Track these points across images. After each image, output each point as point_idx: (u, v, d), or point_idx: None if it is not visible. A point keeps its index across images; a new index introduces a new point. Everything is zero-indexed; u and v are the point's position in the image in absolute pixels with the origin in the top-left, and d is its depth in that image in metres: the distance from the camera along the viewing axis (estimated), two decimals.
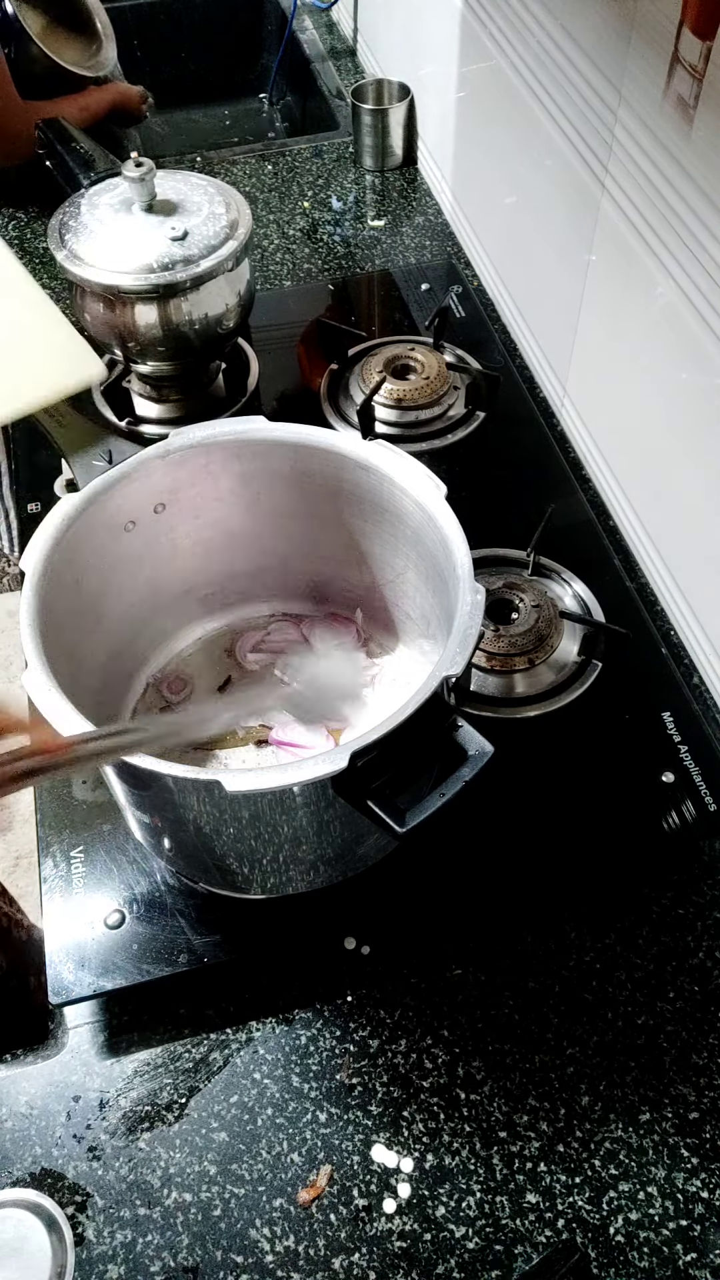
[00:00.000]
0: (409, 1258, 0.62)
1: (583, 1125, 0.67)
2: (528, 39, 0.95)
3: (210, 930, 0.72)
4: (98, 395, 1.08)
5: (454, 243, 1.30)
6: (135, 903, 0.73)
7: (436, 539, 0.65)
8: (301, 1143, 0.66)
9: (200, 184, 0.96)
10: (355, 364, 1.10)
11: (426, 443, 1.04)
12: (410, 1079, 0.68)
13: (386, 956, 0.73)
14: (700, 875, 0.77)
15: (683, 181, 0.74)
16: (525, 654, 0.83)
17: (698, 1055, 0.69)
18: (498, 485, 1.01)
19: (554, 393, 1.09)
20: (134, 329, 0.94)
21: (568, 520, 0.96)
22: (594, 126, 0.86)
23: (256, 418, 0.71)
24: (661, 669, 0.86)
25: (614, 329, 0.92)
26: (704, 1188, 0.64)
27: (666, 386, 0.84)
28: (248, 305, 1.01)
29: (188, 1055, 0.70)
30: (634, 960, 0.73)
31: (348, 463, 0.70)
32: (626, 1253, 0.62)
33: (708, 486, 0.81)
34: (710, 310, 0.75)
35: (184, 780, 0.54)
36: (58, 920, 0.72)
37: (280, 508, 0.76)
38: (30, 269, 1.27)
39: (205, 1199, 0.65)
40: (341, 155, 1.44)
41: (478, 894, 0.75)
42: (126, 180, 0.90)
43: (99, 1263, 0.62)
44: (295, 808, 0.59)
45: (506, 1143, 0.66)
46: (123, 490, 0.68)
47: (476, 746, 0.55)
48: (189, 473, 0.71)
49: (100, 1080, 0.69)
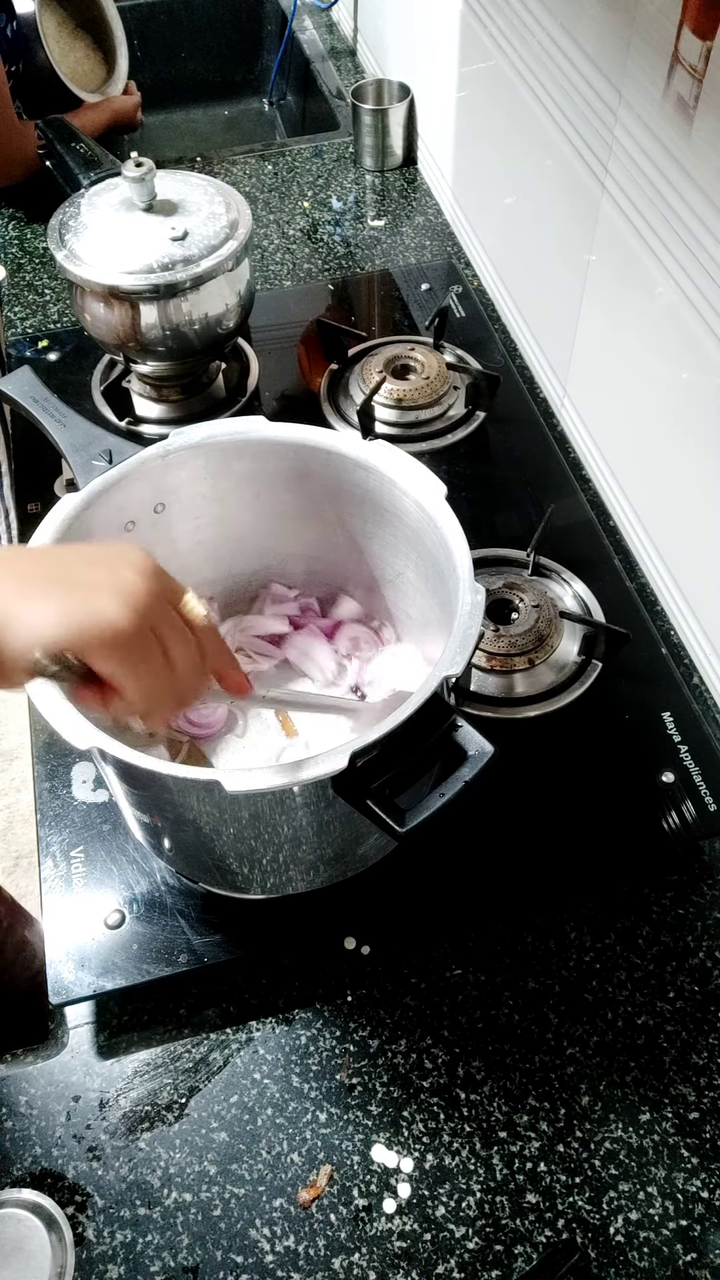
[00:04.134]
0: (409, 1258, 0.62)
1: (583, 1125, 0.67)
2: (528, 39, 0.95)
3: (210, 930, 0.72)
4: (98, 395, 1.08)
5: (454, 243, 1.30)
6: (135, 903, 0.73)
7: (436, 539, 0.65)
8: (301, 1143, 0.66)
9: (200, 184, 0.96)
10: (355, 364, 1.10)
11: (426, 443, 1.04)
12: (410, 1079, 0.68)
13: (386, 956, 0.73)
14: (700, 875, 0.77)
15: (683, 181, 0.74)
16: (525, 654, 0.83)
17: (698, 1055, 0.69)
18: (498, 485, 1.01)
19: (554, 393, 1.09)
20: (134, 329, 0.94)
21: (568, 520, 0.96)
22: (594, 126, 0.86)
23: (256, 418, 0.71)
24: (661, 669, 0.86)
25: (614, 329, 0.92)
26: (704, 1188, 0.64)
27: (666, 386, 0.84)
28: (248, 305, 1.01)
29: (188, 1055, 0.70)
30: (634, 960, 0.73)
31: (348, 463, 0.70)
32: (626, 1253, 0.62)
33: (708, 486, 0.81)
34: (710, 310, 0.75)
35: (184, 780, 0.54)
36: (58, 920, 0.72)
37: (280, 508, 0.76)
38: (30, 269, 1.28)
39: (205, 1199, 0.65)
40: (341, 155, 1.44)
41: (478, 894, 0.75)
42: (126, 180, 0.90)
43: (99, 1263, 0.62)
44: (295, 808, 0.59)
45: (506, 1143, 0.66)
46: (123, 490, 0.68)
47: (476, 746, 0.54)
48: (189, 473, 0.71)
49: (100, 1080, 0.69)
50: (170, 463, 0.70)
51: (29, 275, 1.27)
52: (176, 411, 1.07)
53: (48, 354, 1.15)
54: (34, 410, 0.75)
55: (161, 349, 0.96)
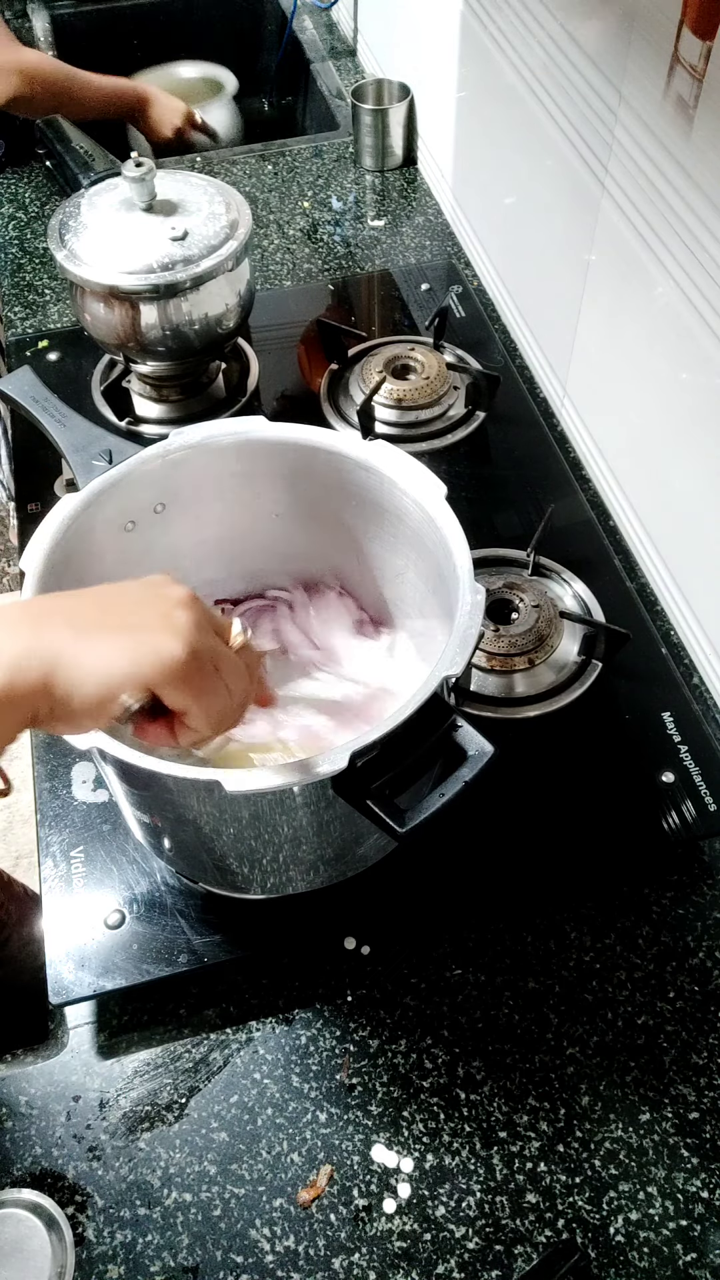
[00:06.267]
0: (409, 1258, 0.62)
1: (583, 1125, 0.67)
2: (528, 39, 0.95)
3: (210, 930, 0.72)
4: (98, 395, 1.08)
5: (454, 243, 1.30)
6: (135, 903, 0.73)
7: (436, 539, 0.65)
8: (301, 1143, 0.66)
9: (200, 184, 0.96)
10: (355, 364, 1.10)
11: (426, 443, 1.04)
12: (410, 1079, 0.68)
13: (386, 956, 0.73)
14: (700, 875, 0.77)
15: (683, 181, 0.74)
16: (525, 654, 0.83)
17: (698, 1055, 0.69)
18: (498, 485, 1.01)
19: (554, 393, 1.09)
20: (134, 329, 0.94)
21: (568, 520, 0.96)
22: (594, 126, 0.86)
23: (256, 418, 0.71)
24: (661, 669, 0.86)
25: (614, 329, 0.92)
26: (704, 1188, 0.64)
27: (666, 386, 0.84)
28: (248, 305, 1.01)
29: (188, 1055, 0.70)
30: (634, 960, 0.73)
31: (348, 463, 0.70)
32: (626, 1253, 0.62)
33: (708, 486, 0.81)
34: (710, 310, 0.75)
35: (184, 780, 0.54)
36: (58, 920, 0.72)
37: (280, 508, 0.76)
38: (30, 269, 1.28)
39: (205, 1199, 0.65)
40: (341, 155, 1.44)
41: (478, 894, 0.75)
42: (126, 180, 0.90)
43: (99, 1263, 0.62)
44: (295, 808, 0.59)
45: (506, 1143, 0.66)
46: (123, 490, 0.68)
47: (476, 747, 0.54)
48: (189, 473, 0.71)
49: (100, 1080, 0.69)
50: (170, 463, 0.70)
51: (29, 275, 1.27)
52: (176, 411, 1.07)
53: (48, 354, 1.15)
54: (34, 410, 0.75)
55: (161, 349, 0.96)
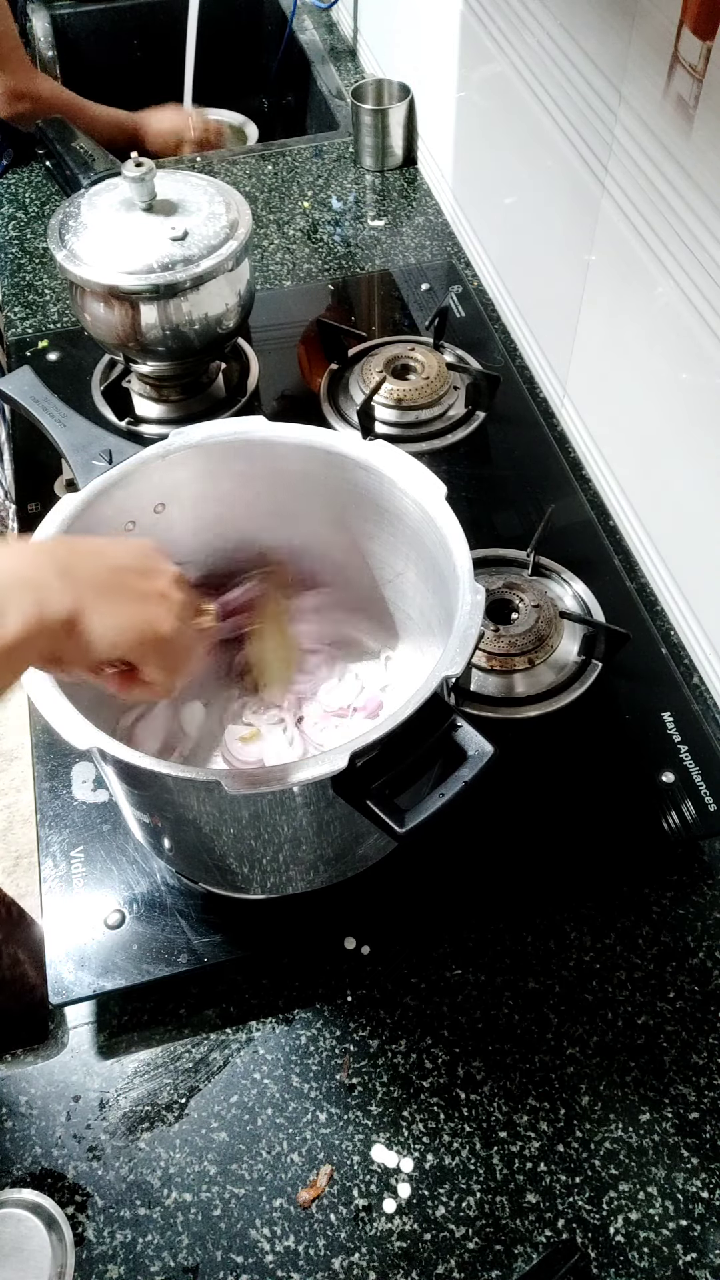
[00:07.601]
0: (409, 1258, 0.62)
1: (583, 1125, 0.67)
2: (528, 39, 0.95)
3: (210, 930, 0.72)
4: (98, 395, 1.08)
5: (454, 243, 1.30)
6: (135, 903, 0.73)
7: (436, 539, 0.65)
8: (301, 1143, 0.66)
9: (200, 184, 0.96)
10: (355, 364, 1.10)
11: (426, 443, 1.04)
12: (410, 1079, 0.68)
13: (386, 956, 0.73)
14: (700, 875, 0.77)
15: (683, 181, 0.74)
16: (525, 654, 0.83)
17: (698, 1055, 0.69)
18: (498, 485, 1.01)
19: (554, 393, 1.09)
20: (134, 329, 0.94)
21: (568, 520, 0.96)
22: (594, 126, 0.86)
23: (256, 418, 0.71)
24: (661, 669, 0.86)
25: (614, 329, 0.92)
26: (704, 1188, 0.64)
27: (666, 386, 0.84)
28: (248, 305, 1.01)
29: (188, 1055, 0.70)
30: (634, 960, 0.73)
31: (348, 463, 0.70)
32: (626, 1253, 0.62)
33: (708, 486, 0.81)
34: (710, 310, 0.75)
35: (184, 780, 0.54)
36: (58, 920, 0.72)
37: (280, 508, 0.76)
38: (30, 269, 1.28)
39: (205, 1199, 0.65)
40: (341, 155, 1.44)
41: (478, 894, 0.75)
42: (126, 180, 0.90)
43: (99, 1263, 0.62)
44: (295, 808, 0.59)
45: (506, 1143, 0.66)
46: (123, 490, 0.68)
47: (476, 747, 0.54)
48: (189, 473, 0.71)
49: (100, 1080, 0.69)
50: (170, 463, 0.70)
51: (29, 275, 1.26)
52: (176, 411, 1.07)
53: (48, 354, 1.15)
54: (34, 410, 0.75)
55: (161, 349, 0.96)
